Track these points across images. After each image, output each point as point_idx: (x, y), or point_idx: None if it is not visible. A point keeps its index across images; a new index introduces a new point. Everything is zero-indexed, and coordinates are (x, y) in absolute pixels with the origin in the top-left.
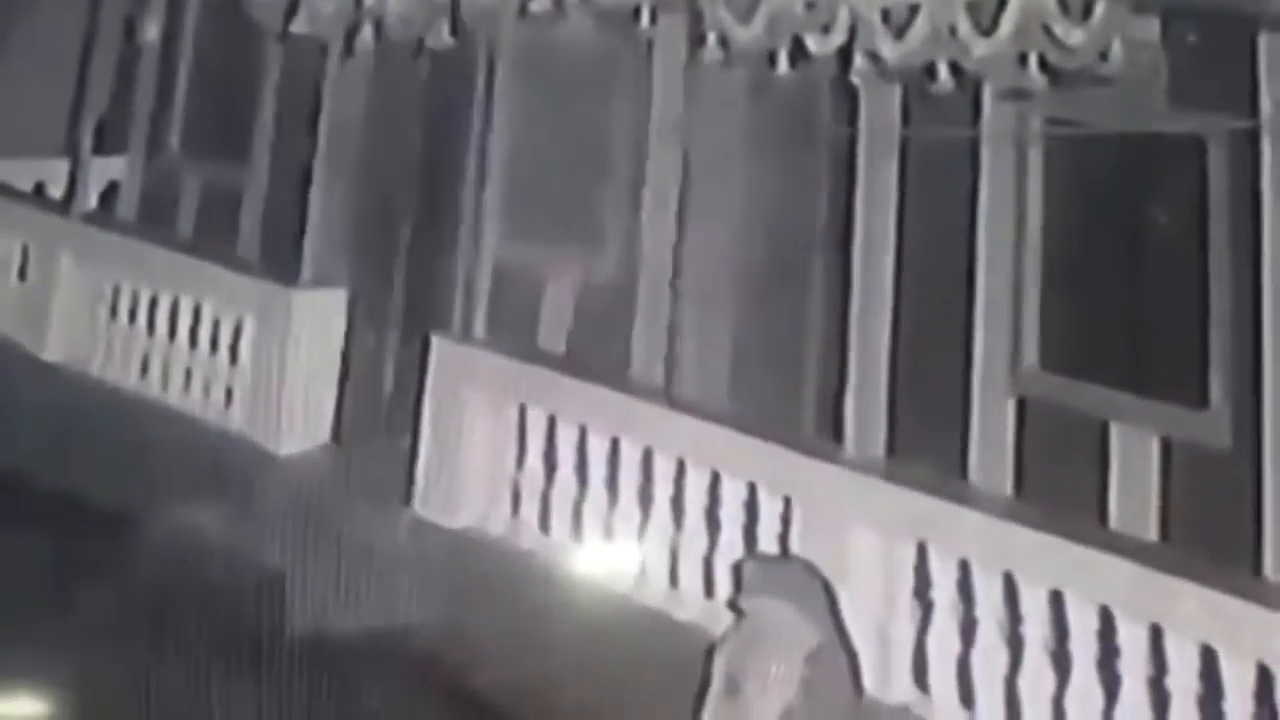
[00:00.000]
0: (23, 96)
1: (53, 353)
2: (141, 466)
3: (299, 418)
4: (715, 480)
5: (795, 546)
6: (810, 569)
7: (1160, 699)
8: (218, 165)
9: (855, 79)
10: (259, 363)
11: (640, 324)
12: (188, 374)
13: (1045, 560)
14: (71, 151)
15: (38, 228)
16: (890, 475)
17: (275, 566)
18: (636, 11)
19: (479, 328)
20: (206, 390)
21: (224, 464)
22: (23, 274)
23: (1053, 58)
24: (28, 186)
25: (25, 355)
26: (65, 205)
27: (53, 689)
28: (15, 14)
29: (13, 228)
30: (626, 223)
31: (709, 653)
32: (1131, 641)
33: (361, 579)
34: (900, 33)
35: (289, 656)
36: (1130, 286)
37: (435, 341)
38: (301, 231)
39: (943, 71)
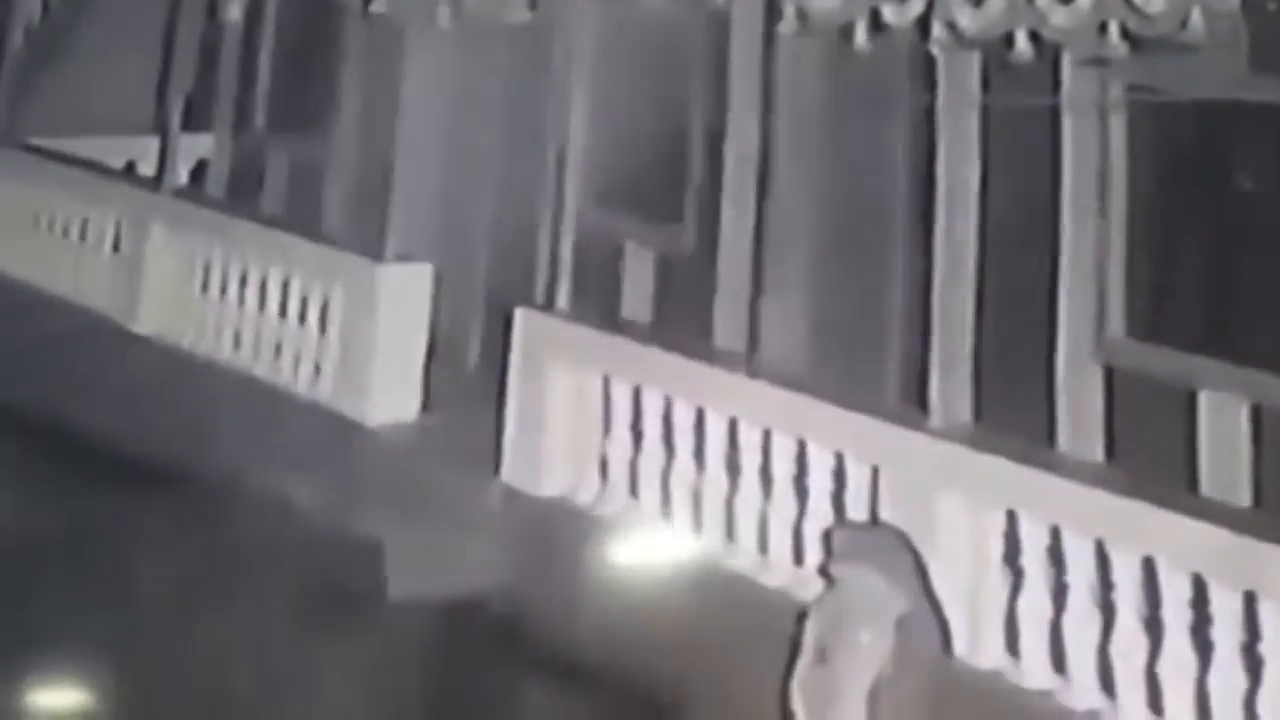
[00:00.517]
0: (112, 76)
1: (144, 326)
2: (233, 437)
3: (387, 389)
4: (802, 449)
5: (884, 514)
6: (899, 536)
7: (1254, 664)
8: (303, 141)
9: (934, 49)
10: (347, 335)
11: (722, 294)
12: (277, 346)
13: (1136, 527)
14: (160, 129)
15: (130, 204)
16: (978, 443)
17: (368, 534)
18: None
19: (562, 299)
20: (296, 362)
21: (314, 434)
22: (116, 248)
23: (1132, 25)
24: (119, 164)
25: (118, 328)
26: (156, 182)
27: (154, 649)
28: None
29: (106, 204)
30: (707, 193)
31: (799, 619)
32: (1224, 608)
33: (453, 546)
34: (978, 2)
35: (383, 622)
36: (1214, 253)
37: (519, 313)
38: (387, 205)
39: (1021, 40)
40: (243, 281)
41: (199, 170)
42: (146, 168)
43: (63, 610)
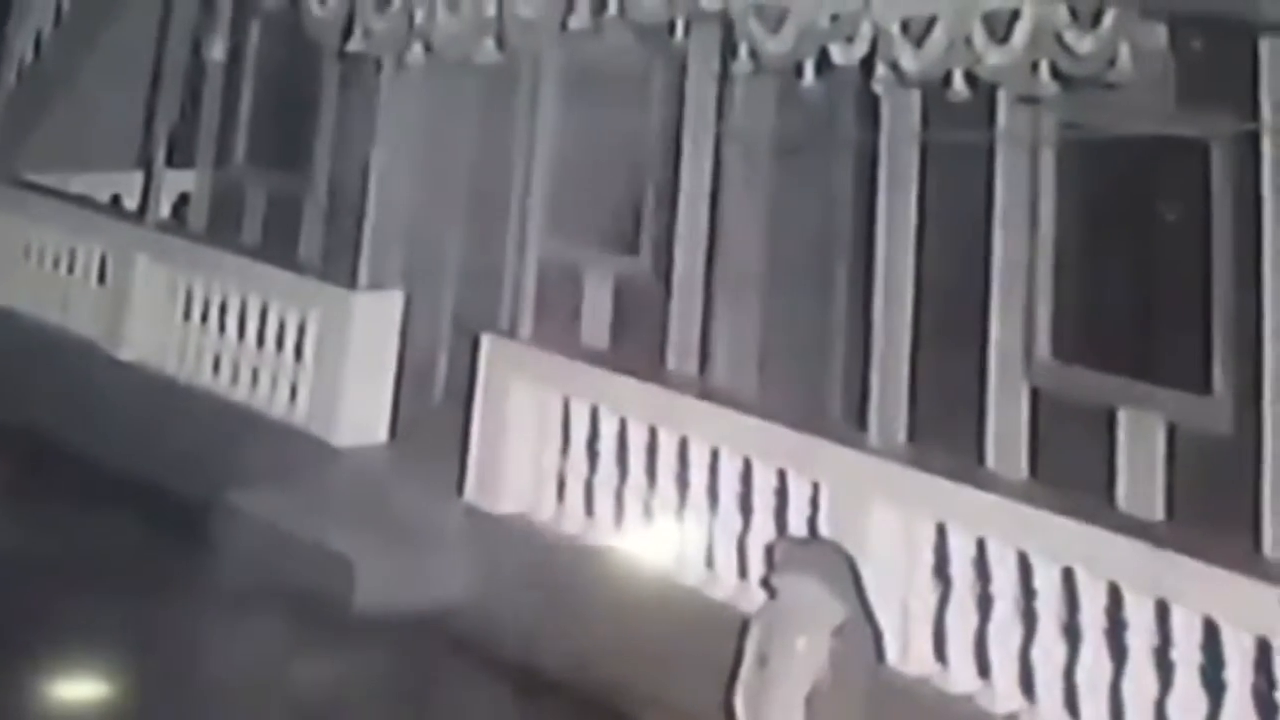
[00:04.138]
0: (102, 113)
1: (129, 352)
2: (210, 456)
3: (358, 412)
4: (748, 467)
5: (823, 528)
6: (837, 549)
7: (1165, 668)
8: (281, 175)
9: (877, 87)
10: (321, 361)
11: (675, 319)
12: (255, 371)
13: (1057, 539)
14: (145, 165)
15: (115, 236)
16: (911, 460)
17: (337, 550)
18: (671, 25)
19: (525, 325)
20: (273, 386)
21: (289, 455)
22: (102, 279)
23: (1064, 65)
24: (105, 198)
25: (104, 355)
26: (140, 215)
27: (129, 660)
28: (92, 39)
29: (93, 236)
30: (662, 223)
31: (743, 628)
32: (1138, 615)
33: (416, 562)
34: (919, 43)
35: (350, 634)
36: (1138, 280)
37: (485, 339)
38: (360, 236)
39: (958, 79)
40: (222, 309)
41: (181, 203)
42: (131, 201)
43: (50, 620)
